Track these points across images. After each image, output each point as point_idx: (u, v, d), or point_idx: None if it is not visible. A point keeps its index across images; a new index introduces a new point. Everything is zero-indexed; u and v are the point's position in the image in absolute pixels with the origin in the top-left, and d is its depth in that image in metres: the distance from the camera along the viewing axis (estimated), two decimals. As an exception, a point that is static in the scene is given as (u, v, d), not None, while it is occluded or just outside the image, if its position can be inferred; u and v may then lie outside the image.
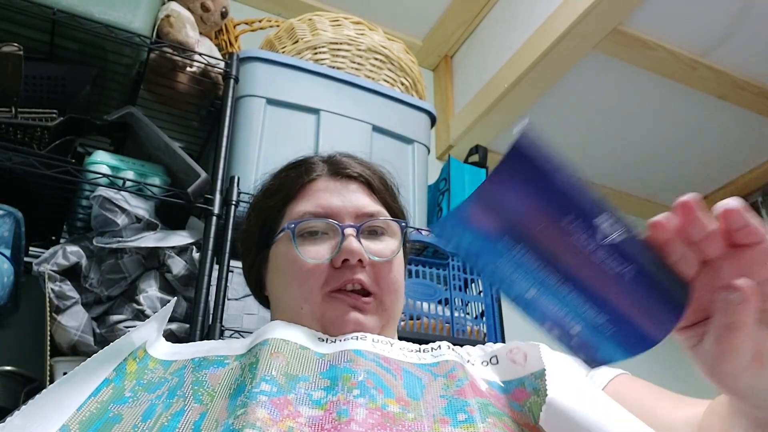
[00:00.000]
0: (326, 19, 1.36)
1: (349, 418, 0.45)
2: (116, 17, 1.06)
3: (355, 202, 0.65)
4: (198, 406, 0.49)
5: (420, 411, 0.48)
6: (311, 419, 0.46)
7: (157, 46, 1.12)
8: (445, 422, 0.48)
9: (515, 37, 1.80)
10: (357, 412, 0.45)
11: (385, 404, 0.48)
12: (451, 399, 0.50)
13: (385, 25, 1.70)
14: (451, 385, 0.52)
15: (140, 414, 0.48)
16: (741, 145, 2.10)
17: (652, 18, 1.62)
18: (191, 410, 0.48)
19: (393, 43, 1.40)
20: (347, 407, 0.46)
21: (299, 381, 0.50)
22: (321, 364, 0.52)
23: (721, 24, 1.67)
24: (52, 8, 1.01)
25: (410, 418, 0.47)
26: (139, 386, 0.51)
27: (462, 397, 0.50)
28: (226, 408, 0.48)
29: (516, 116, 1.92)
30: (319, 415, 0.46)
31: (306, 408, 0.47)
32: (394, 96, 1.33)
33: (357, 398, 0.47)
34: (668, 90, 1.85)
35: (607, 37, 1.63)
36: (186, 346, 0.58)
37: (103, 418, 0.47)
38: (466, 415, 0.48)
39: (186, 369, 0.53)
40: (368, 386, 0.48)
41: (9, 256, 0.94)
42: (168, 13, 1.15)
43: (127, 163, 1.02)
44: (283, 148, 1.16)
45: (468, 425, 0.47)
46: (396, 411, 0.48)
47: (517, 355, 0.56)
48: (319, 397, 0.48)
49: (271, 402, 0.46)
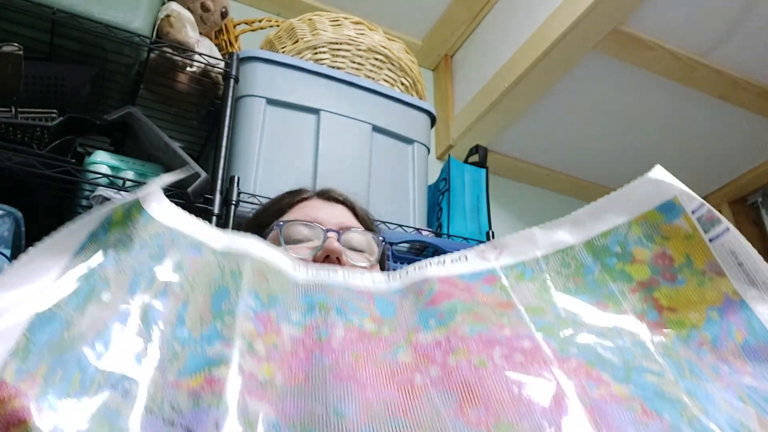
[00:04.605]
0: (326, 19, 1.36)
1: (329, 336, 0.48)
2: (116, 17, 1.06)
3: (339, 218, 0.74)
4: (179, 291, 0.50)
5: (394, 326, 0.51)
6: (292, 338, 0.48)
7: (157, 46, 1.12)
8: (418, 330, 0.50)
9: (515, 37, 1.80)
10: (335, 332, 0.48)
11: (362, 323, 0.51)
12: (422, 311, 0.53)
13: (385, 25, 1.70)
14: (420, 299, 0.54)
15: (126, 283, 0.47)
16: (741, 145, 2.10)
17: (652, 18, 1.62)
18: (173, 294, 0.49)
19: (393, 43, 1.40)
20: (326, 328, 0.48)
21: (279, 301, 0.51)
22: (297, 291, 0.54)
23: (721, 24, 1.67)
24: (52, 8, 1.01)
25: (385, 333, 0.50)
26: (122, 244, 0.49)
27: (432, 306, 0.53)
28: (210, 308, 0.48)
29: (516, 116, 1.92)
30: (300, 335, 0.48)
31: (287, 326, 0.49)
32: (394, 96, 1.33)
33: (335, 319, 0.50)
34: (668, 90, 1.85)
35: (607, 37, 1.63)
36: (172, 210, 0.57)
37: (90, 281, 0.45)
38: (436, 321, 0.51)
39: (165, 238, 0.53)
40: (344, 310, 0.51)
41: (9, 256, 0.94)
42: (168, 13, 1.15)
43: (127, 163, 1.02)
44: (283, 148, 1.16)
45: (438, 327, 0.50)
46: (372, 328, 0.50)
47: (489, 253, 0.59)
48: (297, 319, 0.50)
49: (256, 317, 0.48)
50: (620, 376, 0.47)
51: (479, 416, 0.42)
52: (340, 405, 0.41)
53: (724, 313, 0.52)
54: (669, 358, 0.50)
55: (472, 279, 0.56)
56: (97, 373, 0.41)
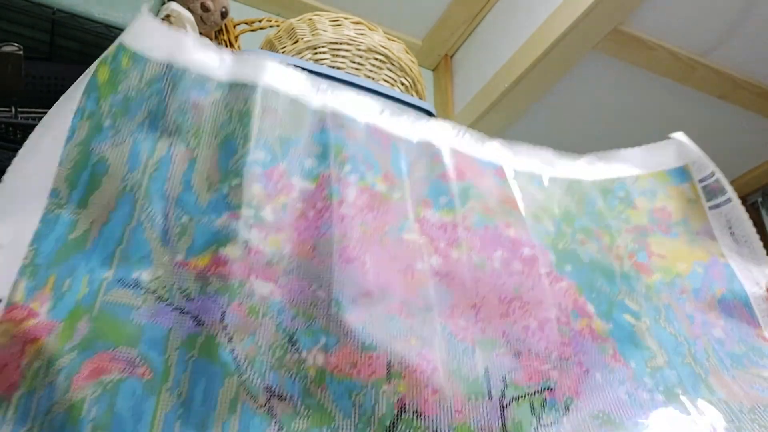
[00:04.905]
0: (326, 19, 1.36)
1: (341, 198, 0.46)
2: (116, 17, 1.06)
3: None
4: (184, 149, 0.46)
5: (405, 191, 0.50)
6: (303, 193, 0.47)
7: (157, 46, 1.12)
8: (427, 205, 0.50)
9: (515, 37, 1.80)
10: (347, 193, 0.47)
11: (374, 183, 0.50)
12: (434, 181, 0.52)
13: (385, 25, 1.70)
14: (435, 168, 0.54)
15: (126, 159, 0.44)
16: (741, 145, 2.10)
17: (652, 18, 1.62)
18: (178, 154, 0.46)
19: (393, 43, 1.40)
20: (338, 186, 0.47)
21: (291, 146, 0.49)
22: (313, 124, 0.51)
23: (721, 24, 1.66)
24: (52, 8, 1.01)
25: (396, 198, 0.50)
26: (117, 107, 0.46)
27: (444, 181, 0.52)
28: (217, 165, 0.46)
29: (516, 116, 1.92)
30: (311, 189, 0.47)
31: (298, 179, 0.47)
32: (394, 96, 1.33)
33: (348, 176, 0.48)
34: (668, 90, 1.85)
35: (607, 37, 1.63)
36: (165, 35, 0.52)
37: (88, 166, 0.43)
38: (447, 198, 0.51)
39: (163, 81, 0.49)
40: (358, 161, 0.49)
41: (9, 256, 0.94)
42: (168, 13, 1.15)
43: (127, 163, 1.02)
44: (283, 148, 1.16)
45: (448, 209, 0.50)
46: (383, 190, 0.49)
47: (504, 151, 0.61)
48: (311, 166, 0.48)
49: (264, 175, 0.46)
50: (603, 310, 0.49)
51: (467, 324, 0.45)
52: (341, 295, 0.42)
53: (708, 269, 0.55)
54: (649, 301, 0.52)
55: (486, 167, 0.57)
56: (105, 269, 0.41)
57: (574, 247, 0.53)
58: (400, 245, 0.47)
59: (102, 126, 0.45)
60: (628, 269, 0.54)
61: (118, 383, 0.37)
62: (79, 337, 0.38)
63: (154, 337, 0.40)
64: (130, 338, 0.39)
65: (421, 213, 0.49)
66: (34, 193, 0.41)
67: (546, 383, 0.44)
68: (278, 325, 0.42)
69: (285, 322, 0.42)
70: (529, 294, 0.47)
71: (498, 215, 0.52)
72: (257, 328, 0.41)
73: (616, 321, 0.49)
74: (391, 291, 0.44)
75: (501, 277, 0.48)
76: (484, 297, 0.46)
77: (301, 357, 0.41)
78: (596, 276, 0.51)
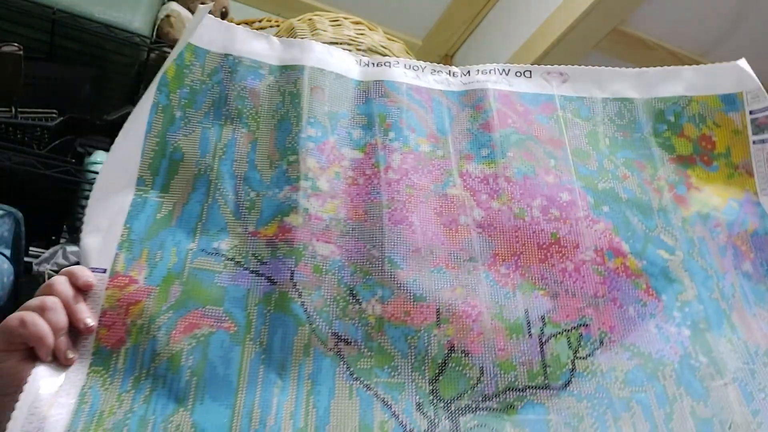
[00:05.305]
0: (326, 19, 1.36)
1: (386, 165, 0.52)
2: (116, 17, 1.06)
3: None
4: (246, 132, 0.53)
5: (448, 147, 0.55)
6: (353, 162, 0.52)
7: (157, 46, 1.12)
8: (469, 158, 0.54)
9: (515, 37, 1.80)
10: (393, 158, 0.52)
11: (418, 145, 0.54)
12: (476, 133, 0.56)
13: (385, 25, 1.70)
14: (478, 117, 0.57)
15: (197, 146, 0.52)
16: (741, 145, 2.10)
17: (652, 18, 1.62)
18: (241, 138, 0.52)
19: (393, 43, 1.39)
20: (384, 153, 0.53)
21: (339, 119, 0.54)
22: (358, 96, 0.56)
23: (721, 24, 1.67)
24: (52, 8, 1.01)
25: (439, 155, 0.54)
26: (185, 99, 0.53)
27: (486, 131, 0.55)
28: (275, 144, 0.52)
29: (516, 116, 1.92)
30: (360, 158, 0.53)
31: (348, 150, 0.53)
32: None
33: (392, 143, 0.53)
34: (668, 90, 1.85)
35: (607, 37, 1.63)
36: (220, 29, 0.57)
37: (166, 155, 0.51)
38: (488, 150, 0.55)
39: (222, 72, 0.55)
40: (401, 127, 0.54)
41: (9, 256, 0.94)
42: (168, 13, 1.16)
43: (127, 163, 1.02)
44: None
45: (489, 161, 0.54)
46: (427, 150, 0.54)
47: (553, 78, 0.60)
48: (358, 136, 0.54)
49: (317, 149, 0.52)
50: (637, 248, 0.52)
51: (508, 271, 0.50)
52: (393, 253, 0.49)
53: (742, 205, 0.57)
54: (684, 233, 0.54)
55: (532, 103, 0.58)
56: (190, 241, 0.48)
57: (613, 185, 0.55)
58: (444, 201, 0.52)
59: (174, 118, 0.52)
60: (667, 202, 0.56)
61: (208, 336, 0.44)
62: (173, 299, 0.45)
63: (236, 296, 0.47)
64: (216, 298, 0.46)
65: (463, 167, 0.53)
66: (123, 183, 0.49)
67: (582, 320, 0.49)
68: (339, 280, 0.48)
69: (345, 277, 0.48)
70: (566, 239, 0.51)
71: (539, 161, 0.55)
72: (322, 284, 0.48)
73: (649, 258, 0.52)
74: (436, 245, 0.50)
75: (540, 224, 0.52)
76: (523, 244, 0.51)
77: (362, 307, 0.48)
78: (633, 213, 0.54)
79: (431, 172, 0.53)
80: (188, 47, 0.54)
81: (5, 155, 0.91)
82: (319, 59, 0.56)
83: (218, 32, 0.56)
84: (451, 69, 0.60)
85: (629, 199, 0.55)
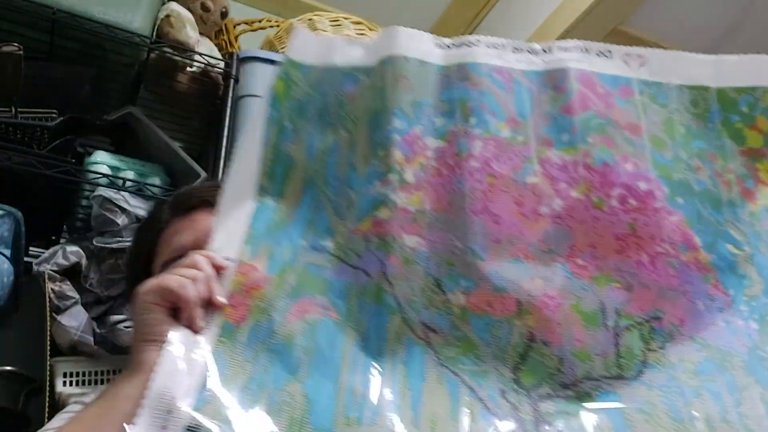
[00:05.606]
0: (326, 19, 1.36)
1: (468, 153, 0.53)
2: (116, 17, 1.06)
3: (204, 229, 0.61)
4: (346, 135, 0.56)
5: (528, 132, 0.55)
6: (437, 151, 0.53)
7: (157, 46, 1.12)
8: (549, 144, 0.55)
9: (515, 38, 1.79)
10: (474, 146, 0.53)
11: (498, 130, 0.54)
12: (556, 117, 0.56)
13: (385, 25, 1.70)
14: (558, 99, 0.56)
15: (304, 152, 0.56)
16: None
17: (652, 18, 1.63)
18: (342, 141, 0.56)
19: (393, 43, 1.40)
20: (465, 140, 0.53)
21: (422, 107, 0.56)
22: (440, 81, 0.57)
23: (722, 24, 1.67)
24: (52, 8, 1.01)
25: (519, 141, 0.55)
26: (293, 111, 0.57)
27: (567, 115, 0.55)
28: (368, 142, 0.55)
29: (516, 116, 1.92)
30: (443, 147, 0.54)
31: (431, 139, 0.54)
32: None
33: (473, 129, 0.54)
34: (668, 90, 1.85)
35: (607, 37, 1.63)
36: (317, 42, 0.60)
37: (281, 163, 0.56)
38: (568, 136, 0.55)
39: (324, 83, 0.58)
40: (482, 111, 0.55)
41: (9, 256, 0.94)
42: (168, 13, 1.16)
43: (127, 163, 1.02)
44: (284, 148, 1.16)
45: (568, 147, 0.54)
46: (507, 135, 0.54)
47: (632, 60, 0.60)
48: (440, 124, 0.55)
49: (403, 141, 0.54)
50: (708, 241, 0.53)
51: (585, 263, 0.51)
52: (474, 244, 0.51)
53: None
54: (752, 228, 0.55)
55: (611, 84, 0.58)
56: (301, 240, 0.53)
57: (687, 176, 0.55)
58: (524, 190, 0.53)
59: (285, 129, 0.57)
60: (734, 196, 0.55)
61: (317, 321, 0.49)
62: (288, 287, 0.50)
63: (339, 288, 0.51)
64: (323, 289, 0.51)
65: (543, 153, 0.54)
66: (246, 189, 0.55)
67: (654, 313, 0.50)
68: (426, 271, 0.51)
69: (431, 269, 0.51)
70: (643, 230, 0.52)
71: (618, 147, 0.55)
72: (411, 275, 0.50)
73: (719, 252, 0.53)
74: (516, 236, 0.52)
75: (617, 214, 0.52)
76: (601, 236, 0.52)
77: (447, 298, 0.50)
78: (705, 206, 0.54)
79: (512, 159, 0.54)
80: (292, 63, 0.59)
81: (5, 155, 0.91)
82: (403, 46, 0.57)
83: (317, 46, 0.60)
84: (532, 46, 0.60)
85: (702, 191, 0.55)
